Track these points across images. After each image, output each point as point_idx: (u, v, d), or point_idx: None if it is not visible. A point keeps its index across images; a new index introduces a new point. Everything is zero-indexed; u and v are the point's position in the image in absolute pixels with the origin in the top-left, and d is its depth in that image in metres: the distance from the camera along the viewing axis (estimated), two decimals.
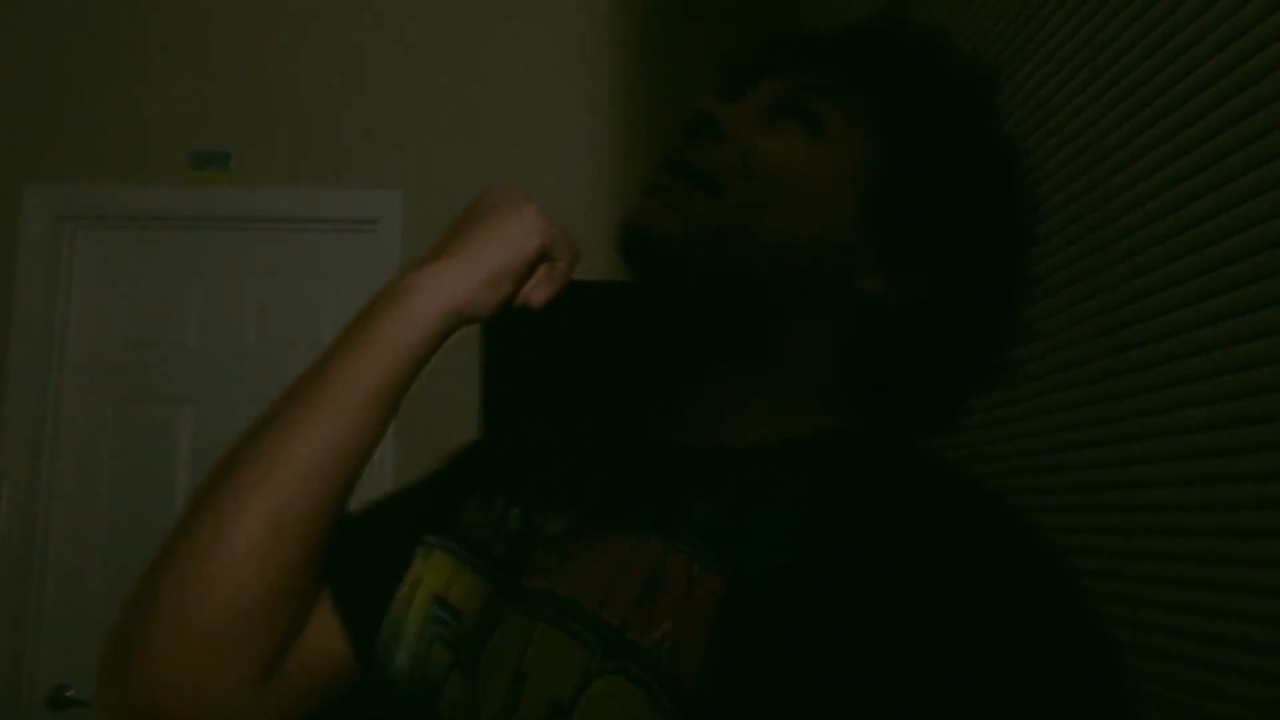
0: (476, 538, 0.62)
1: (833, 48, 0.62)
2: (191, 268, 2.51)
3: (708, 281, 0.56)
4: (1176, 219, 0.86)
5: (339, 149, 2.55)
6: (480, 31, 2.65)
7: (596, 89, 2.64)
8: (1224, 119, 0.80)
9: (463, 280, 0.56)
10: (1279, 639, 0.72)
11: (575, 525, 0.58)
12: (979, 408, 1.30)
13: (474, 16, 2.66)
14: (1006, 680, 0.39)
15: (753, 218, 0.55)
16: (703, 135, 0.57)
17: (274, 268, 2.51)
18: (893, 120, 0.58)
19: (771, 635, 0.44)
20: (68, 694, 2.20)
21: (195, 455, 2.37)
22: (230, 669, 0.51)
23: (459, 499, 0.64)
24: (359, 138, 2.56)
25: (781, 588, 0.45)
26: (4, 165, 2.49)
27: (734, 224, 0.55)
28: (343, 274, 2.51)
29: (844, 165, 0.57)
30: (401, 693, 0.58)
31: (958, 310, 0.58)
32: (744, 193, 0.55)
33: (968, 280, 0.58)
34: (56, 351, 2.42)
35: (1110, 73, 0.98)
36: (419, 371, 0.57)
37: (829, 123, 0.57)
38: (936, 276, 0.57)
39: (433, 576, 0.60)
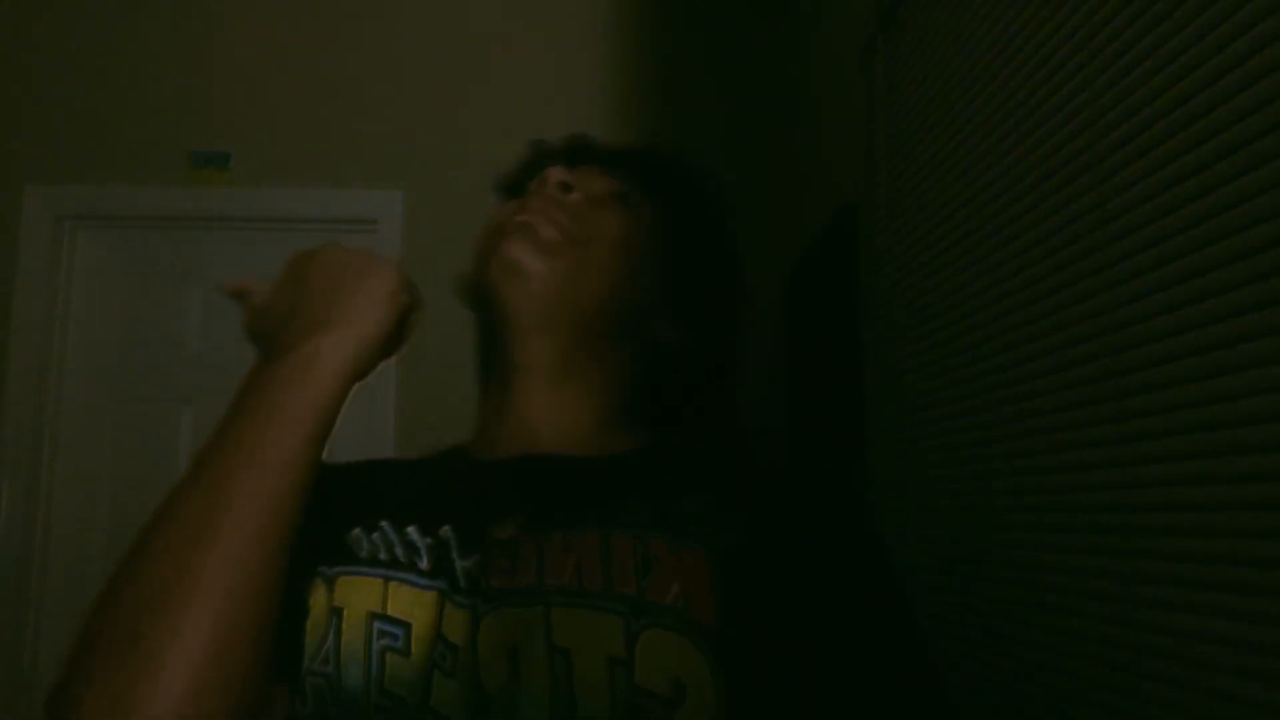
0: (391, 558, 0.64)
1: (642, 161, 0.81)
2: (191, 268, 2.51)
3: (552, 310, 0.72)
4: (1176, 219, 0.86)
5: (339, 149, 2.55)
6: (480, 32, 2.65)
7: (596, 90, 2.64)
8: (1224, 119, 0.80)
9: (358, 344, 0.64)
10: (1279, 639, 0.72)
11: (521, 531, 0.64)
12: (979, 408, 1.30)
13: (474, 17, 2.66)
14: (889, 577, 0.64)
15: (593, 270, 0.73)
16: (560, 192, 0.75)
17: (274, 268, 2.51)
18: (678, 215, 0.80)
19: (753, 579, 0.60)
20: None
21: None
22: None
23: (333, 533, 0.66)
24: (359, 138, 2.56)
25: (742, 546, 0.61)
26: (4, 165, 2.49)
27: (580, 272, 0.72)
28: None
29: (649, 244, 0.77)
30: (366, 706, 0.59)
31: (716, 348, 0.81)
32: (591, 251, 0.73)
33: (722, 326, 0.82)
34: (56, 351, 2.42)
35: (1109, 73, 0.98)
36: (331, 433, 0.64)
37: (642, 214, 0.78)
38: (703, 325, 0.79)
39: (360, 598, 0.62)
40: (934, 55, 1.51)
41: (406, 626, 0.61)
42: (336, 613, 0.62)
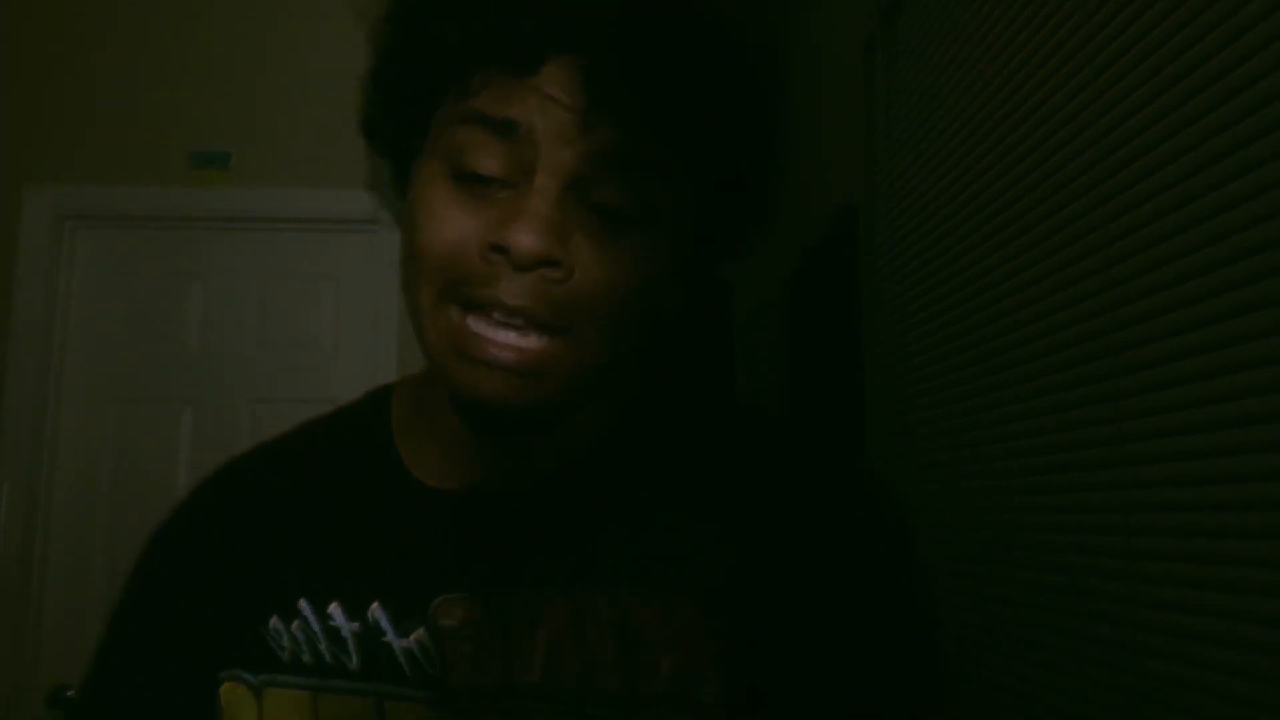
0: (315, 659, 0.53)
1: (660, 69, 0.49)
2: (191, 268, 2.51)
3: (566, 399, 0.52)
4: (1176, 219, 0.86)
5: (339, 149, 2.55)
6: None
7: None
8: (1224, 119, 0.80)
9: None
10: (1279, 639, 0.72)
11: (475, 605, 0.51)
12: (978, 407, 1.30)
13: None
14: (913, 598, 0.54)
15: (606, 342, 0.50)
16: (541, 269, 0.47)
17: (274, 268, 2.51)
18: (705, 152, 0.52)
19: (758, 628, 0.50)
20: (68, 694, 2.20)
21: (195, 455, 2.37)
22: None
23: (247, 621, 0.55)
24: (359, 138, 2.55)
25: (740, 584, 0.51)
26: (4, 165, 2.49)
27: (590, 356, 0.50)
28: (343, 274, 2.51)
29: (672, 239, 0.52)
30: None
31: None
32: (597, 325, 0.49)
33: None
34: (56, 351, 2.42)
35: (1109, 72, 0.98)
36: None
37: (660, 205, 0.50)
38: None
39: (284, 715, 0.53)
40: (934, 55, 1.51)
41: None
42: None
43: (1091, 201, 1.01)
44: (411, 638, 0.51)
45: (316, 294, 2.50)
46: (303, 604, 0.54)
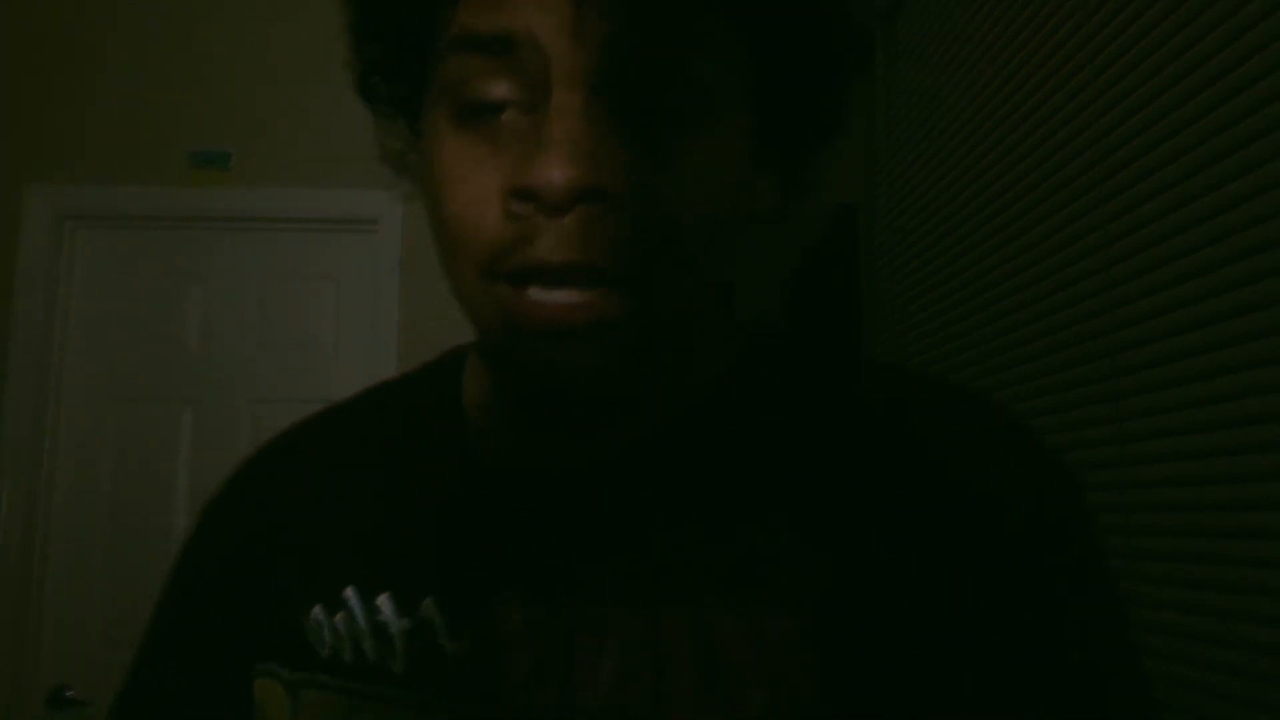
0: (357, 659, 0.46)
1: None
2: (191, 268, 2.51)
3: (645, 360, 0.42)
4: (1176, 219, 0.86)
5: (339, 149, 2.55)
6: None
7: None
8: (1224, 119, 0.80)
9: None
10: (1279, 639, 0.72)
11: (536, 608, 0.43)
12: None
13: None
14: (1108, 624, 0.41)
15: (686, 279, 0.41)
16: (582, 206, 0.37)
17: (274, 268, 2.51)
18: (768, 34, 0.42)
19: (877, 650, 0.39)
20: (68, 694, 2.20)
21: (195, 455, 2.36)
22: None
23: (286, 612, 0.48)
24: (359, 138, 2.55)
25: (854, 593, 0.40)
26: (4, 165, 2.49)
27: (669, 300, 0.40)
28: (343, 274, 2.51)
29: (743, 129, 0.42)
30: None
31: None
32: (670, 259, 0.39)
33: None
34: (56, 351, 2.42)
35: (1109, 72, 0.98)
36: None
37: (716, 87, 0.40)
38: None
39: None
40: (934, 55, 1.51)
41: None
42: None
43: (1091, 201, 1.01)
44: (463, 642, 0.44)
45: (316, 294, 2.50)
46: (349, 593, 0.47)
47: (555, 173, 0.36)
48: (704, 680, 0.40)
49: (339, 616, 0.47)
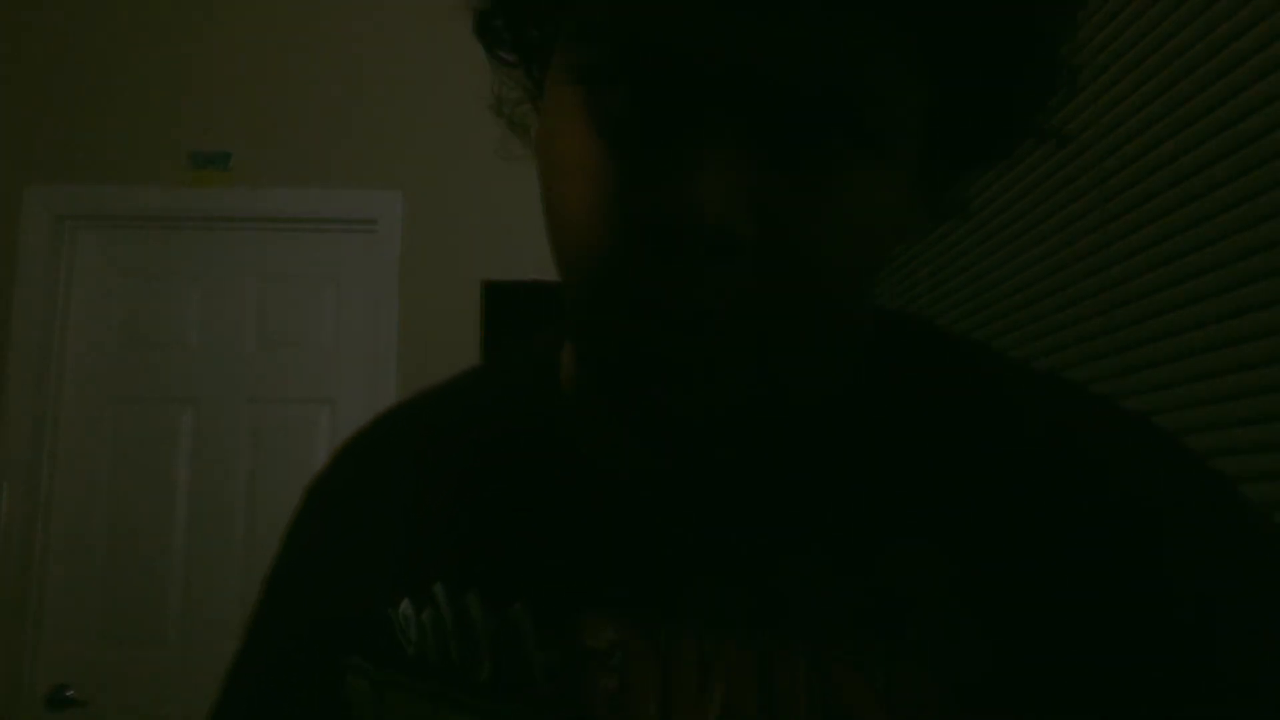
0: (443, 659, 0.42)
1: None
2: (191, 268, 2.51)
3: (773, 401, 0.37)
4: (1177, 218, 0.86)
5: (339, 149, 2.55)
6: None
7: None
8: (1224, 119, 0.80)
9: None
10: None
11: (631, 628, 0.39)
12: None
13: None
14: None
15: (825, 328, 0.35)
16: (705, 259, 0.31)
17: (274, 268, 2.51)
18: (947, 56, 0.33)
19: (1036, 701, 0.33)
20: (68, 694, 2.20)
21: (195, 455, 2.37)
22: None
23: (375, 604, 0.45)
24: (359, 138, 2.56)
25: (1009, 648, 0.33)
26: (4, 165, 2.49)
27: (804, 348, 0.35)
28: (343, 274, 2.51)
29: (909, 163, 0.35)
30: None
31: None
32: (811, 312, 0.34)
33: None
34: (56, 351, 2.42)
35: (1110, 72, 0.98)
36: None
37: (894, 132, 0.33)
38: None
39: None
40: None
41: None
42: None
43: (1092, 201, 1.01)
44: (553, 653, 0.40)
45: (316, 294, 2.50)
46: (438, 589, 0.43)
47: (700, 211, 0.30)
48: None
49: (426, 613, 0.43)
